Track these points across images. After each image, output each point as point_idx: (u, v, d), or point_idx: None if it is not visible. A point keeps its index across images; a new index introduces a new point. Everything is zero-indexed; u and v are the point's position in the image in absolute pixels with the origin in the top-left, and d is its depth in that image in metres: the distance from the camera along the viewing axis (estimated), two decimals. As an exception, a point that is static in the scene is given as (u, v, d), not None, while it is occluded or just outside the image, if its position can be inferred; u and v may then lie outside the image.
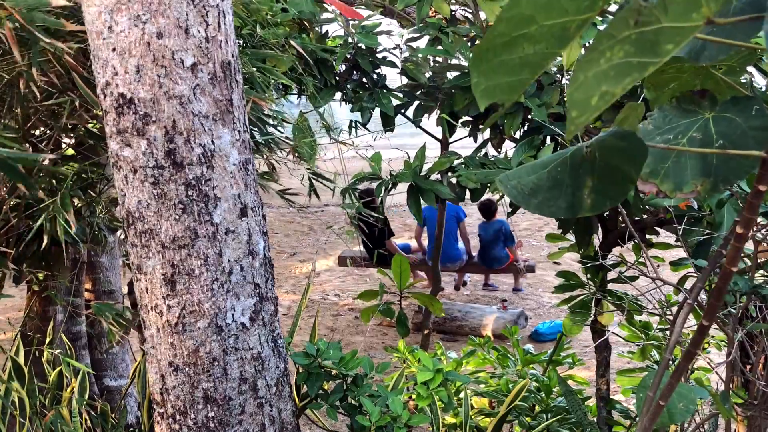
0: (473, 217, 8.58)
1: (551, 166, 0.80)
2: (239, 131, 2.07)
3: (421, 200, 3.14)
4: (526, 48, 0.62)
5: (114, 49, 1.89)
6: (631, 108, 0.84)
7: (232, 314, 2.14)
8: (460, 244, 7.44)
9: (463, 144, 3.88)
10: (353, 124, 3.86)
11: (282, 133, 3.38)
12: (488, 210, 7.33)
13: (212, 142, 1.99)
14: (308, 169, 3.36)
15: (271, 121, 3.29)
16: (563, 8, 0.59)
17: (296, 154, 3.22)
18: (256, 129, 3.13)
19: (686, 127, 0.86)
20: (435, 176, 3.21)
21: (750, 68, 2.45)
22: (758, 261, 2.07)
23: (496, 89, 0.65)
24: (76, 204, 2.92)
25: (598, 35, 0.56)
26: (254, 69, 2.82)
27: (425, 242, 7.56)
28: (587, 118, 0.57)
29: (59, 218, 2.61)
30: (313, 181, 3.46)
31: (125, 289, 4.16)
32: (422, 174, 3.17)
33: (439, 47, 3.38)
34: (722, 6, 0.51)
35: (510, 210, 3.10)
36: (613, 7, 2.14)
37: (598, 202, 0.76)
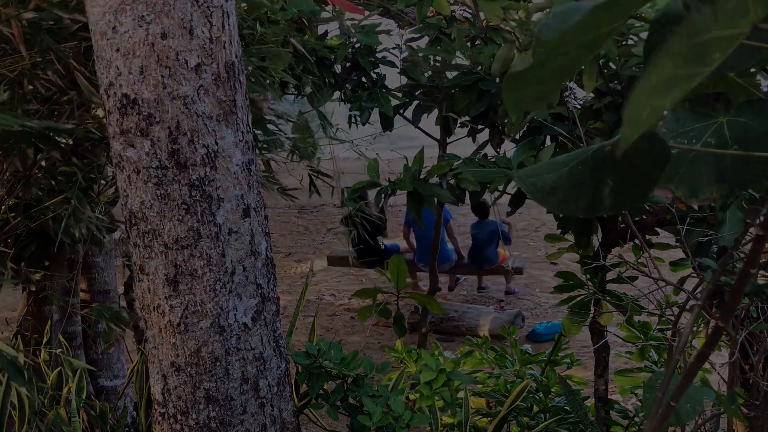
0: (468, 218, 8.58)
1: (572, 164, 0.80)
2: (242, 132, 2.06)
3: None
4: (559, 60, 0.62)
5: (118, 50, 1.88)
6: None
7: (235, 314, 2.14)
8: (449, 245, 7.44)
9: (462, 144, 3.88)
10: (353, 119, 3.85)
11: (283, 133, 3.36)
12: (483, 210, 7.32)
13: (216, 142, 1.99)
14: (308, 166, 3.34)
15: (270, 119, 3.27)
16: (598, 23, 0.59)
17: (296, 153, 3.20)
18: (260, 131, 3.12)
19: (700, 131, 0.85)
20: (434, 179, 3.20)
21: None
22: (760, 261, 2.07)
23: (526, 100, 0.65)
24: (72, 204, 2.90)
25: (657, 54, 0.56)
26: (252, 68, 2.81)
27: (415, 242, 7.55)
28: (637, 132, 0.57)
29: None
30: (313, 179, 3.44)
31: (121, 289, 4.15)
32: (421, 177, 3.16)
33: (439, 48, 3.37)
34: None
35: (509, 209, 3.10)
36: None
37: (618, 201, 0.76)
